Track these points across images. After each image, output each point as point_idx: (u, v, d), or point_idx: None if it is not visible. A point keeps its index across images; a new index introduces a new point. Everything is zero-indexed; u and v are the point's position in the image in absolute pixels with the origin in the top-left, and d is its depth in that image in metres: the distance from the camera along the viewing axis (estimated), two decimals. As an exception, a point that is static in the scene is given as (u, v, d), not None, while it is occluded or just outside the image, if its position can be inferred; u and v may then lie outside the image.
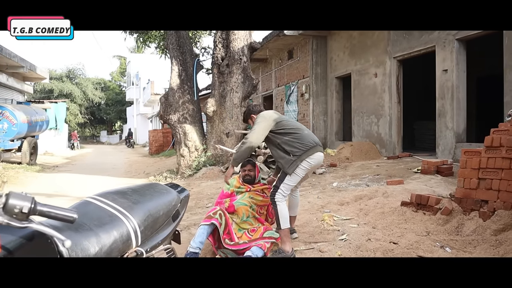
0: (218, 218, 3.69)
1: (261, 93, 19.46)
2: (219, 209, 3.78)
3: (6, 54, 15.42)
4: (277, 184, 3.81)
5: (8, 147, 13.66)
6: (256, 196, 4.09)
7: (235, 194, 4.12)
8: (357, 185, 6.79)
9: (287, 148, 3.77)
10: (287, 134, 3.80)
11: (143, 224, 1.89)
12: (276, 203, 3.77)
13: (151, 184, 2.30)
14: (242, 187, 4.14)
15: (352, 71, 11.88)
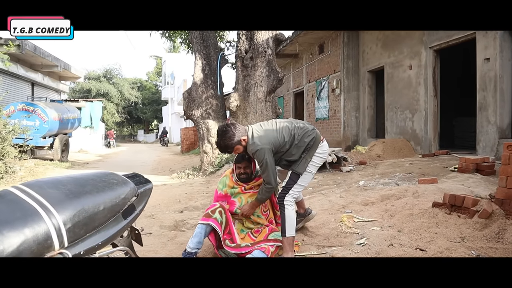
0: (218, 217, 3.31)
1: (292, 89, 18.97)
2: (219, 205, 3.39)
3: (40, 53, 15.72)
4: (287, 185, 3.36)
5: (40, 144, 13.82)
6: (247, 197, 3.63)
7: (231, 196, 3.63)
8: (386, 184, 6.22)
9: (292, 158, 3.36)
10: (287, 149, 3.34)
11: (72, 221, 1.51)
12: (285, 206, 3.33)
13: (103, 173, 1.92)
14: (236, 187, 3.64)
15: (385, 64, 11.19)
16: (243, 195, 3.59)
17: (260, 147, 3.20)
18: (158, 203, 6.22)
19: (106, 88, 41.00)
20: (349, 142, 12.79)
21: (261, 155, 3.20)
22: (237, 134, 3.26)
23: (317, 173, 7.78)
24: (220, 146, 3.31)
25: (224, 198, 3.62)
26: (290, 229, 3.30)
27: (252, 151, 3.24)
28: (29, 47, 14.56)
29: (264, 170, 3.24)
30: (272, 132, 3.33)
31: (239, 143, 3.28)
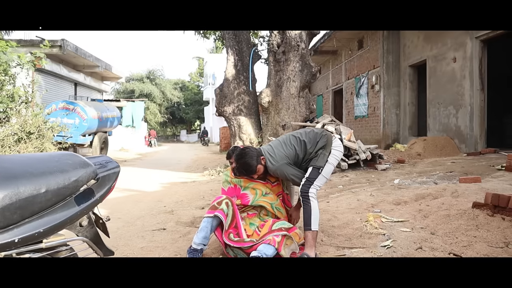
0: (224, 208, 3.08)
1: (331, 87, 18.47)
2: (225, 197, 3.15)
3: (81, 54, 16.14)
4: (310, 177, 3.18)
5: (80, 141, 14.15)
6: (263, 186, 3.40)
7: (240, 189, 3.39)
8: (423, 182, 5.73)
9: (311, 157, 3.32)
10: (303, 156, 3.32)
11: (2, 202, 1.28)
12: (310, 198, 3.13)
13: (60, 154, 1.69)
14: (239, 179, 3.42)
15: (427, 57, 10.54)
16: (255, 186, 3.36)
17: (277, 165, 3.23)
18: (181, 199, 6.05)
19: (149, 88, 41.90)
20: (389, 140, 12.18)
21: (282, 171, 3.24)
22: (256, 153, 3.27)
23: (349, 170, 7.40)
24: (243, 168, 3.24)
25: (233, 192, 3.37)
26: (315, 223, 3.09)
27: (271, 171, 3.27)
28: (70, 48, 14.97)
29: (292, 181, 3.34)
30: (282, 147, 3.32)
31: (260, 163, 3.26)
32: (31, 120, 9.54)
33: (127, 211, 5.30)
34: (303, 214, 3.11)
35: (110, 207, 5.57)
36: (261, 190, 3.33)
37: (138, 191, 7.13)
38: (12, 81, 9.41)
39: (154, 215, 5.02)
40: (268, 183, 3.42)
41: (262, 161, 3.24)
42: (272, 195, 3.37)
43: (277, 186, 3.48)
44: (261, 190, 3.33)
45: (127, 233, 4.11)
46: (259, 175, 3.30)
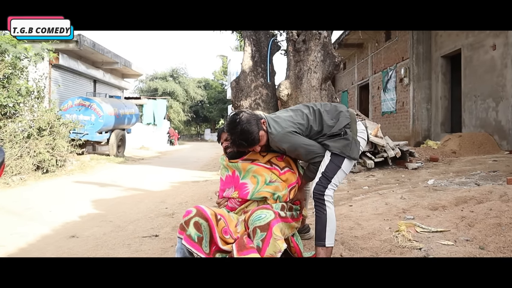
0: (192, 233, 2.23)
1: (357, 82, 17.62)
2: (195, 213, 2.29)
3: (99, 49, 15.81)
4: (328, 172, 2.41)
5: (96, 139, 13.81)
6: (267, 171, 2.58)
7: (239, 177, 2.60)
8: (462, 183, 4.95)
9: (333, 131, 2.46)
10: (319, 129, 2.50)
11: None
12: (326, 204, 2.40)
13: None
14: (233, 161, 2.64)
15: (462, 46, 9.64)
16: (257, 171, 2.57)
17: (283, 133, 2.42)
18: (186, 200, 5.45)
19: (172, 87, 41.77)
20: (419, 137, 11.30)
21: (290, 142, 2.43)
22: (254, 116, 2.46)
23: (376, 169, 6.64)
24: (241, 138, 2.39)
25: (231, 182, 2.63)
26: (330, 237, 2.40)
27: (275, 141, 2.45)
28: (87, 43, 14.63)
29: (303, 153, 2.48)
30: (288, 113, 2.58)
31: (261, 128, 2.45)
32: (42, 116, 9.18)
33: (122, 213, 4.74)
34: (316, 225, 2.41)
35: (106, 208, 5.03)
36: (263, 177, 2.55)
37: (143, 190, 6.58)
38: (21, 75, 9.06)
39: (151, 218, 4.44)
40: (275, 168, 2.60)
41: (263, 125, 2.46)
42: (279, 184, 2.55)
43: (288, 173, 2.61)
44: (264, 177, 2.55)
45: (113, 240, 3.53)
46: (263, 146, 2.51)
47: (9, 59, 8.74)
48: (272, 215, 2.21)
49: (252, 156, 2.61)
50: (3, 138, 7.98)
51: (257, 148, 2.49)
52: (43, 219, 4.44)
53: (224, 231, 2.32)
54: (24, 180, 7.59)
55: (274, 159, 2.61)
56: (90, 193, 6.21)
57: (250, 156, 2.61)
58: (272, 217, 2.20)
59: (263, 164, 2.59)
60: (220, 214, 2.38)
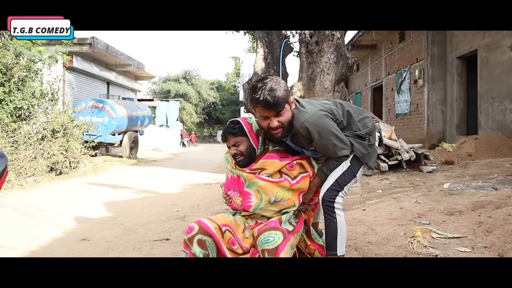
0: (197, 251, 2.13)
1: (370, 84, 17.45)
2: (197, 230, 2.15)
3: (112, 52, 15.94)
4: (342, 179, 2.29)
5: (109, 140, 13.90)
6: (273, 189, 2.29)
7: (244, 183, 2.36)
8: (479, 187, 4.83)
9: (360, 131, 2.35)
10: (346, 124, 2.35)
11: None
12: (336, 211, 2.29)
13: None
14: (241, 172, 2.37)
15: (478, 47, 9.47)
16: (263, 187, 2.29)
17: (315, 115, 2.15)
18: (198, 203, 5.43)
19: (184, 89, 41.97)
20: (434, 140, 11.12)
21: (322, 127, 2.15)
22: (283, 85, 2.15)
23: (390, 172, 6.53)
24: (270, 95, 2.05)
25: (236, 185, 2.42)
26: (342, 245, 2.31)
27: (305, 124, 2.14)
28: (101, 46, 14.76)
29: (333, 144, 2.20)
30: (319, 100, 2.38)
31: (289, 101, 2.16)
32: (56, 118, 9.26)
33: (134, 216, 4.73)
34: (326, 234, 2.32)
35: (118, 211, 5.03)
36: (268, 197, 2.29)
37: (155, 192, 6.58)
38: (35, 78, 9.16)
39: (162, 221, 4.41)
40: (286, 180, 2.30)
41: (290, 98, 2.17)
42: (285, 202, 2.31)
43: (302, 181, 2.34)
44: (268, 196, 2.29)
45: (124, 243, 3.51)
46: (282, 126, 2.17)
47: (23, 62, 8.84)
48: (280, 238, 2.08)
49: (261, 165, 2.33)
50: (18, 140, 8.05)
51: (274, 122, 2.13)
52: (55, 222, 4.45)
53: (231, 242, 2.21)
54: (38, 182, 7.65)
55: (284, 168, 2.33)
56: (102, 195, 6.23)
57: (260, 165, 2.34)
58: (281, 240, 2.07)
59: (270, 179, 2.30)
60: (225, 224, 2.25)
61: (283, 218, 2.27)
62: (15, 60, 8.62)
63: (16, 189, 6.83)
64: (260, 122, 2.25)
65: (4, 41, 9.66)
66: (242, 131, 2.31)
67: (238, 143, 2.32)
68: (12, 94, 8.37)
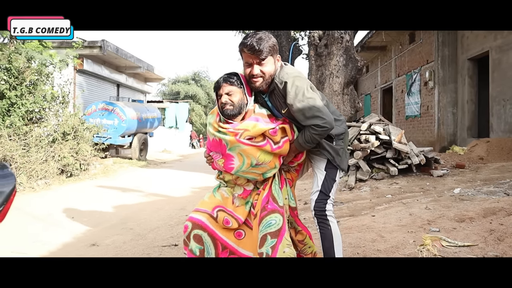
0: (194, 248, 2.22)
1: (380, 85, 17.34)
2: (191, 226, 2.25)
3: (122, 54, 16.06)
4: (326, 187, 2.34)
5: (119, 142, 13.99)
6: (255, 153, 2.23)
7: (226, 146, 2.27)
8: (491, 193, 4.77)
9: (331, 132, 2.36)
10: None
11: None
12: (329, 219, 2.32)
13: None
14: (225, 132, 2.26)
15: (490, 48, 9.35)
16: (245, 151, 2.23)
17: (299, 73, 2.25)
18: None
19: (194, 90, 42.08)
20: (445, 142, 11.01)
21: (300, 80, 2.20)
22: (273, 41, 2.24)
23: (400, 176, 6.48)
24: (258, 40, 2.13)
25: (218, 147, 2.32)
26: (339, 252, 2.32)
27: (285, 77, 2.19)
28: (111, 49, 14.88)
29: (305, 106, 2.16)
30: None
31: (273, 53, 2.21)
32: (67, 121, 9.35)
33: (143, 220, 4.75)
34: (322, 242, 2.30)
35: (127, 215, 5.06)
36: (249, 160, 2.23)
37: (164, 196, 6.61)
38: (47, 81, 9.25)
39: (171, 226, 4.43)
40: (268, 143, 2.24)
41: (277, 58, 2.27)
42: (266, 165, 2.26)
43: (284, 146, 2.28)
44: (250, 159, 2.23)
45: (133, 249, 3.52)
46: (264, 76, 2.21)
47: (35, 65, 8.94)
48: (281, 220, 2.16)
49: (245, 126, 2.24)
50: (29, 143, 8.14)
51: (255, 69, 2.19)
52: (66, 226, 4.49)
53: (226, 221, 2.27)
54: (49, 185, 7.73)
55: (267, 132, 2.25)
56: (112, 198, 6.27)
57: (243, 126, 2.24)
58: (281, 222, 2.16)
59: (252, 143, 2.22)
60: (215, 207, 2.31)
61: (277, 198, 2.27)
62: (27, 64, 8.73)
63: (27, 192, 6.90)
64: (244, 68, 2.30)
65: (16, 45, 9.80)
66: (239, 82, 2.30)
67: (232, 93, 2.28)
68: (24, 98, 8.47)
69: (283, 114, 2.31)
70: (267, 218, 2.16)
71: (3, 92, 8.26)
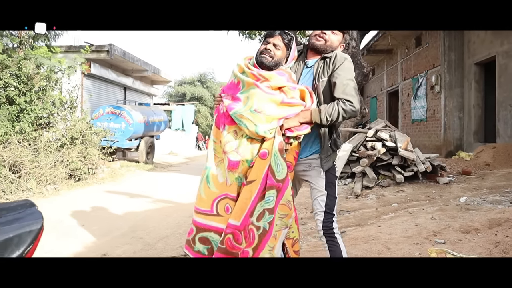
0: (201, 249, 2.28)
1: (386, 88, 17.34)
2: (195, 230, 2.31)
3: (129, 58, 16.20)
4: (329, 208, 2.35)
5: (126, 146, 14.10)
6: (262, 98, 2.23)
7: (240, 88, 2.32)
8: (496, 202, 4.80)
9: (333, 132, 2.39)
10: None
11: None
12: (337, 236, 2.36)
13: None
14: (247, 71, 2.29)
15: (497, 53, 9.35)
16: (253, 93, 2.24)
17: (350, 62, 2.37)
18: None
19: (199, 92, 42.21)
20: (451, 147, 11.01)
21: (352, 67, 2.35)
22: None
23: (406, 184, 6.51)
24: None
25: (232, 89, 2.36)
26: None
27: (347, 57, 2.35)
28: (118, 53, 15.01)
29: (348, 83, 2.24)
30: None
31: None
32: (75, 126, 9.45)
33: (152, 229, 4.82)
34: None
35: (136, 223, 5.13)
36: (251, 102, 2.21)
37: (171, 202, 6.68)
38: (55, 87, 9.37)
39: (180, 235, 4.50)
40: (281, 95, 2.25)
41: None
42: (262, 115, 2.20)
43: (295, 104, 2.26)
44: (253, 101, 2.21)
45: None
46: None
47: (44, 71, 9.06)
48: (275, 195, 2.20)
49: (268, 76, 2.26)
50: (38, 148, 8.25)
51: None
52: (76, 234, 4.57)
53: (226, 209, 2.28)
54: (58, 190, 7.83)
55: (286, 88, 2.26)
56: (120, 204, 6.35)
57: (267, 75, 2.26)
58: (276, 198, 2.20)
59: (266, 90, 2.23)
60: (214, 200, 2.30)
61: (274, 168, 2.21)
62: (36, 70, 8.84)
63: (37, 197, 7.00)
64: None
65: (25, 50, 9.93)
66: (290, 44, 2.35)
67: (279, 48, 2.32)
68: (33, 104, 8.58)
69: (316, 83, 2.33)
70: (266, 194, 2.19)
71: (12, 98, 8.38)
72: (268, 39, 2.34)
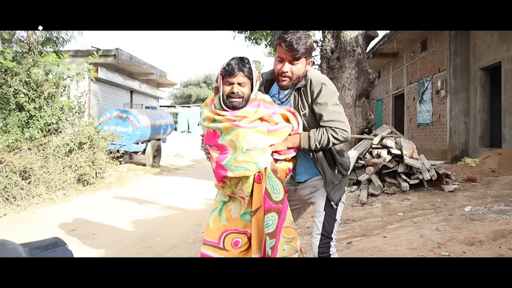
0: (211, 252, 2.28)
1: (392, 91, 17.37)
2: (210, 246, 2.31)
3: (135, 62, 16.35)
4: (328, 229, 2.30)
5: (133, 149, 14.22)
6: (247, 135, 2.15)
7: (219, 136, 2.19)
8: (501, 212, 4.85)
9: (337, 158, 2.33)
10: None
11: None
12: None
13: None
14: (219, 119, 2.18)
15: (503, 59, 9.37)
16: (236, 133, 2.13)
17: (333, 88, 2.28)
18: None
19: (205, 93, 42.36)
20: (456, 151, 11.04)
21: (331, 86, 2.26)
22: (311, 42, 2.29)
23: (411, 192, 6.56)
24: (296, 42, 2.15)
25: (212, 140, 2.22)
26: None
27: (322, 80, 2.24)
28: (124, 57, 15.16)
29: (331, 108, 2.17)
30: None
31: (307, 56, 2.24)
32: (83, 130, 9.58)
33: (161, 237, 4.92)
34: None
35: (145, 232, 5.22)
36: (240, 145, 2.11)
37: (179, 209, 6.77)
38: (64, 93, 9.50)
39: (189, 244, 4.59)
40: (264, 125, 2.19)
41: (310, 61, 2.31)
42: (257, 151, 2.13)
43: (282, 129, 2.21)
44: (241, 143, 2.11)
45: (153, 271, 3.68)
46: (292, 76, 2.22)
47: (52, 78, 9.19)
48: (276, 219, 2.12)
49: (244, 113, 2.16)
50: (47, 155, 8.38)
51: (286, 67, 2.20)
52: (87, 244, 4.67)
53: (235, 243, 2.26)
54: (67, 196, 7.95)
55: (267, 116, 2.19)
56: (129, 212, 6.45)
57: (243, 113, 2.16)
58: (277, 221, 2.12)
59: (246, 125, 2.14)
60: (222, 232, 2.27)
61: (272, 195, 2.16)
62: (45, 77, 8.98)
63: (47, 204, 7.12)
64: (275, 63, 2.29)
65: (34, 57, 10.08)
66: (250, 72, 2.19)
67: (245, 84, 2.18)
68: (42, 110, 8.72)
69: (301, 114, 2.27)
70: (265, 219, 2.14)
71: (22, 104, 8.52)
72: (229, 79, 2.16)
